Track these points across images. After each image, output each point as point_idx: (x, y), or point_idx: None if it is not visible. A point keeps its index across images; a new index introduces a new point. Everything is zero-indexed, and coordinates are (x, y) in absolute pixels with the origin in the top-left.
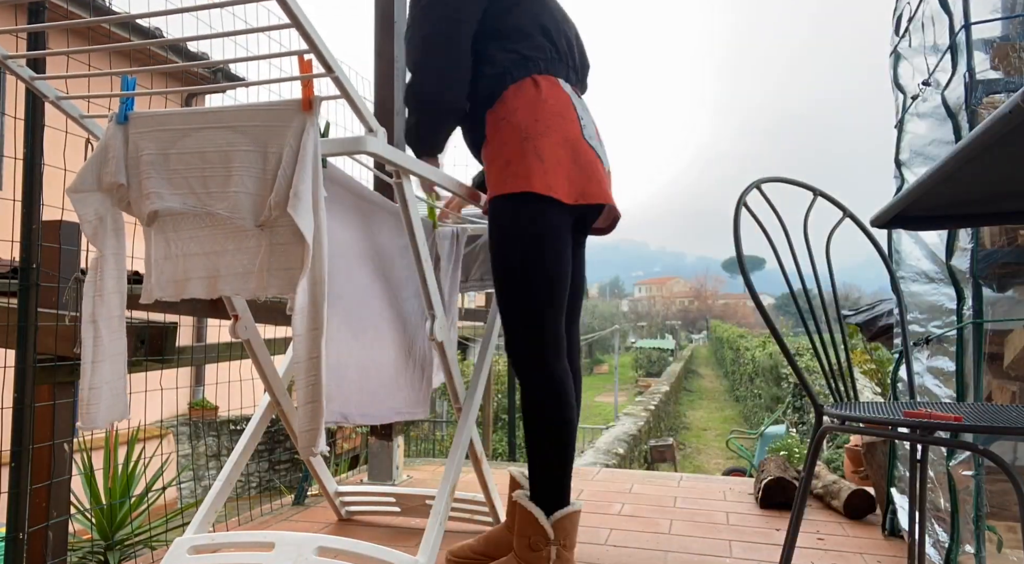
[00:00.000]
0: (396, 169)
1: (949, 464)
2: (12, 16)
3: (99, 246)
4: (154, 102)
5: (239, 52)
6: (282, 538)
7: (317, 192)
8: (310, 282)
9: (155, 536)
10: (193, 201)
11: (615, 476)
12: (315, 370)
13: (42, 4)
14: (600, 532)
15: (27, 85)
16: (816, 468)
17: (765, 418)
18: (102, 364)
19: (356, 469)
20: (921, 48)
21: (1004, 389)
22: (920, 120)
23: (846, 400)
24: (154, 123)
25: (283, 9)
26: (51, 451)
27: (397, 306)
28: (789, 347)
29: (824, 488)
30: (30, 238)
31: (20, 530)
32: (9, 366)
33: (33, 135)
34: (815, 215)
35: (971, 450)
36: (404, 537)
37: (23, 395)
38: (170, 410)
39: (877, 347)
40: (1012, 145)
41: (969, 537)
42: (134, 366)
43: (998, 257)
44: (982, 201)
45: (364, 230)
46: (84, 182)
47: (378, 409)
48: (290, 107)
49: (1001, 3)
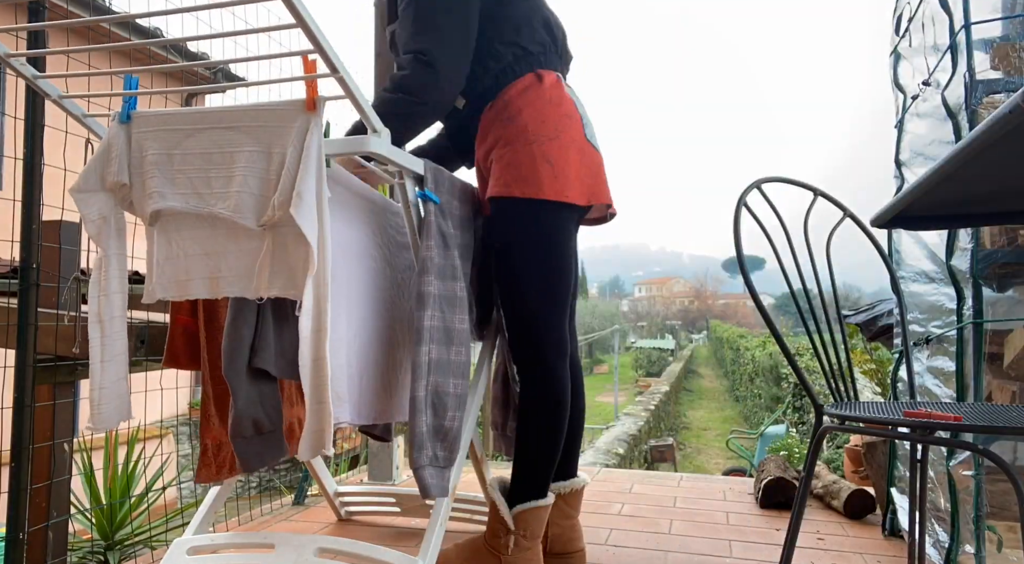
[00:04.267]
0: (399, 169)
1: (949, 464)
2: (12, 16)
3: (103, 246)
4: (155, 102)
5: (239, 52)
6: (282, 539)
7: (321, 192)
8: (314, 283)
9: (155, 536)
10: (196, 201)
11: (615, 476)
12: (321, 371)
13: (42, 3)
14: (600, 532)
15: (30, 83)
16: (816, 468)
17: (765, 418)
18: (109, 364)
19: (356, 469)
20: (921, 48)
21: (1004, 389)
22: (920, 120)
23: (846, 400)
24: (157, 122)
25: (288, 9)
26: (51, 451)
27: (399, 305)
28: (789, 347)
29: (824, 488)
30: (30, 238)
31: (20, 530)
32: (9, 366)
33: (33, 135)
34: (815, 215)
35: (971, 450)
36: (404, 537)
37: (23, 395)
38: (170, 410)
39: (877, 347)
40: (1012, 145)
41: (969, 537)
42: (134, 366)
43: (998, 257)
44: (982, 201)
45: (367, 229)
46: (87, 182)
47: (383, 409)
48: (294, 107)
49: (1001, 3)
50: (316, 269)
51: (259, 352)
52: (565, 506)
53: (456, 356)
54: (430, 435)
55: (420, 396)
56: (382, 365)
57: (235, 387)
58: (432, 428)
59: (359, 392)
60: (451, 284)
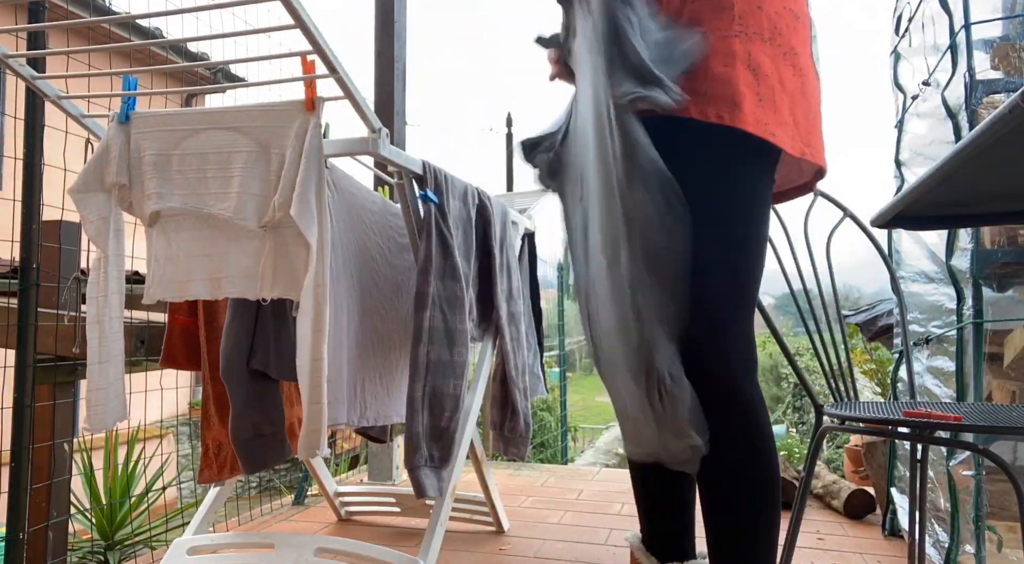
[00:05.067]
0: (398, 170)
1: (949, 464)
2: (12, 16)
3: (102, 246)
4: (154, 102)
5: (239, 52)
6: (282, 539)
7: (321, 193)
8: (313, 284)
9: (155, 536)
10: (195, 201)
11: (615, 476)
12: (318, 372)
13: (42, 4)
14: (600, 532)
15: (29, 84)
16: (816, 468)
17: None
18: (107, 365)
19: (356, 469)
20: (921, 48)
21: (1004, 389)
22: (920, 120)
23: (846, 400)
24: (156, 123)
25: (287, 10)
26: (51, 451)
27: (399, 306)
28: (789, 347)
29: (824, 488)
30: (30, 238)
31: (20, 530)
32: (9, 366)
33: (33, 135)
34: (815, 215)
35: (971, 450)
36: (404, 537)
37: (23, 395)
38: (170, 410)
39: (877, 347)
40: (1012, 145)
41: (969, 537)
42: (134, 366)
43: (998, 257)
44: (982, 201)
45: (367, 230)
46: (86, 182)
47: (383, 410)
48: (293, 108)
49: (1001, 3)
50: (315, 270)
51: (257, 353)
52: None
53: (454, 357)
54: (426, 435)
55: (417, 396)
56: (381, 366)
57: (233, 389)
58: (429, 428)
59: (358, 393)
60: (450, 284)
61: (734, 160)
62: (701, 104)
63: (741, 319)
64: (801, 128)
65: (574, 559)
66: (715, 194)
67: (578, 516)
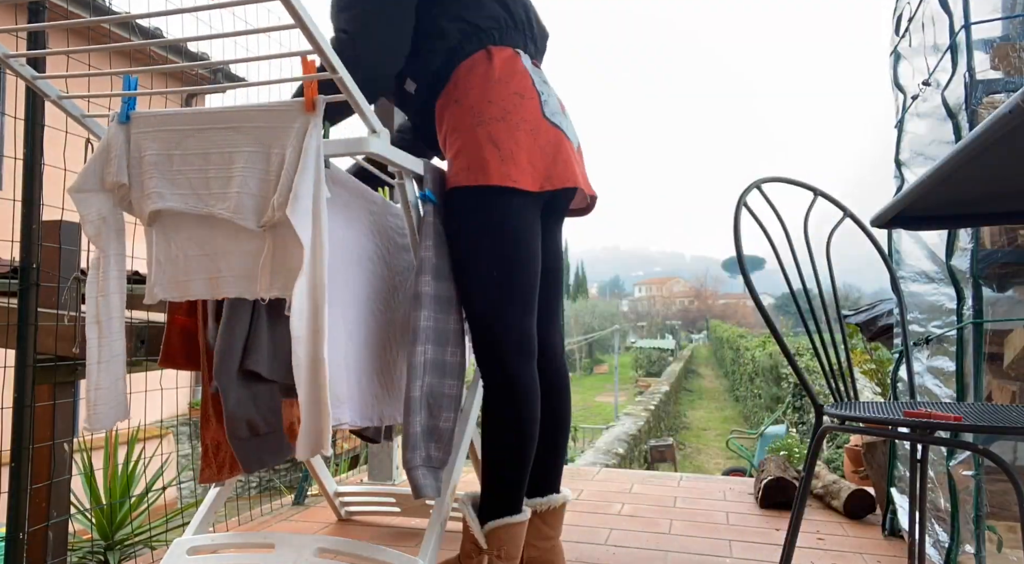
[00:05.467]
0: (398, 170)
1: (949, 464)
2: (12, 16)
3: (101, 246)
4: (155, 102)
5: (239, 52)
6: (282, 539)
7: (319, 193)
8: (310, 284)
9: (155, 536)
10: (195, 201)
11: (615, 476)
12: (318, 372)
13: (42, 4)
14: (600, 532)
15: (29, 84)
16: (816, 468)
17: (765, 418)
18: (107, 365)
19: (356, 469)
20: (921, 48)
21: (1004, 389)
22: (920, 120)
23: (846, 400)
24: (156, 123)
25: (287, 9)
26: (51, 451)
27: (397, 306)
28: (789, 347)
29: (824, 488)
30: (30, 238)
31: (20, 530)
32: (9, 366)
33: (33, 135)
34: (815, 215)
35: (971, 450)
36: (404, 537)
37: (23, 395)
38: (170, 410)
39: (877, 347)
40: (1012, 145)
41: (969, 537)
42: (134, 366)
43: (998, 257)
44: (982, 201)
45: (366, 230)
46: (86, 182)
47: (382, 411)
48: (293, 108)
49: (1001, 3)
50: (310, 270)
51: (251, 353)
52: (543, 525)
53: (452, 357)
54: (424, 435)
55: (415, 396)
56: (380, 367)
57: (225, 388)
58: (426, 429)
59: (358, 393)
60: (448, 285)
61: (493, 204)
62: (466, 174)
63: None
64: (539, 169)
65: (574, 559)
66: (480, 229)
67: (578, 516)
